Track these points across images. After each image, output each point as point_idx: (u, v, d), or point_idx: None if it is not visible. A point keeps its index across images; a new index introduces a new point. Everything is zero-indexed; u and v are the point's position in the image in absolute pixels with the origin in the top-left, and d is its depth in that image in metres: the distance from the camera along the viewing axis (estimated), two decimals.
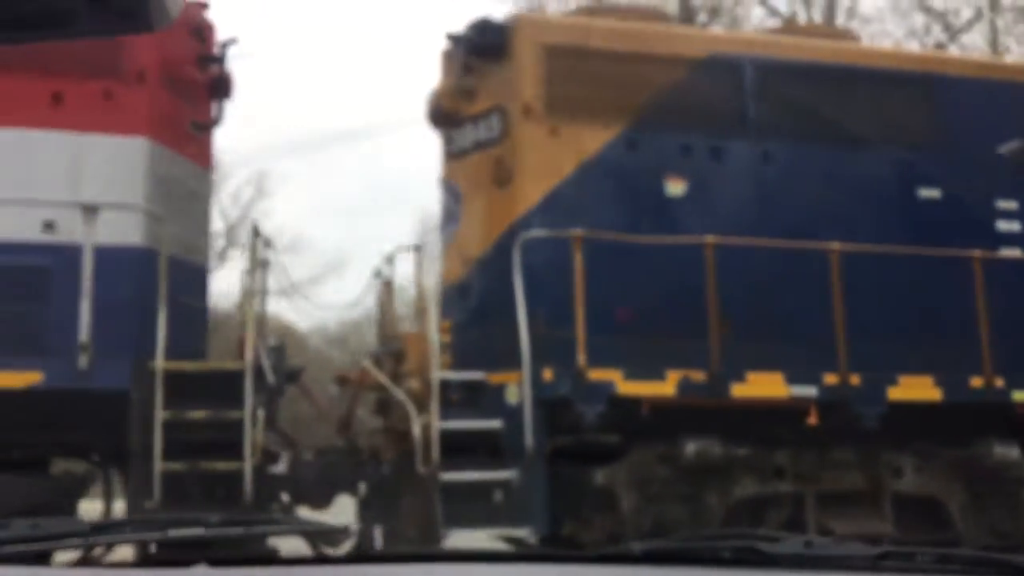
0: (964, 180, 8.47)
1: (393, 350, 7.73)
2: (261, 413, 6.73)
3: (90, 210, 6.47)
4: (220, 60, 7.84)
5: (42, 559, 1.83)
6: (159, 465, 6.38)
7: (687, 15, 20.39)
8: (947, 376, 7.87)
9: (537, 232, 7.36)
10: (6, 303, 6.55)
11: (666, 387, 7.34)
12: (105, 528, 2.25)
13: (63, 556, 2.15)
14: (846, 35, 10.02)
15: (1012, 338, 7.98)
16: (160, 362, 6.52)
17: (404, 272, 9.14)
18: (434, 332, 7.11)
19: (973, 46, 21.67)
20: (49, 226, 6.80)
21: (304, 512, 7.49)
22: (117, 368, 6.48)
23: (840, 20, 21.61)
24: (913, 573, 1.57)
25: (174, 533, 1.78)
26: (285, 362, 7.31)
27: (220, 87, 7.85)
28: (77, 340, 6.36)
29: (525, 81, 7.88)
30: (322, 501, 7.66)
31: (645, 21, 8.52)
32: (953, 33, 21.40)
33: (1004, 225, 8.61)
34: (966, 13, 22.39)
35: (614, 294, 7.44)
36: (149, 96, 7.14)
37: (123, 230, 6.79)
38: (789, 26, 12.33)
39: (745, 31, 12.35)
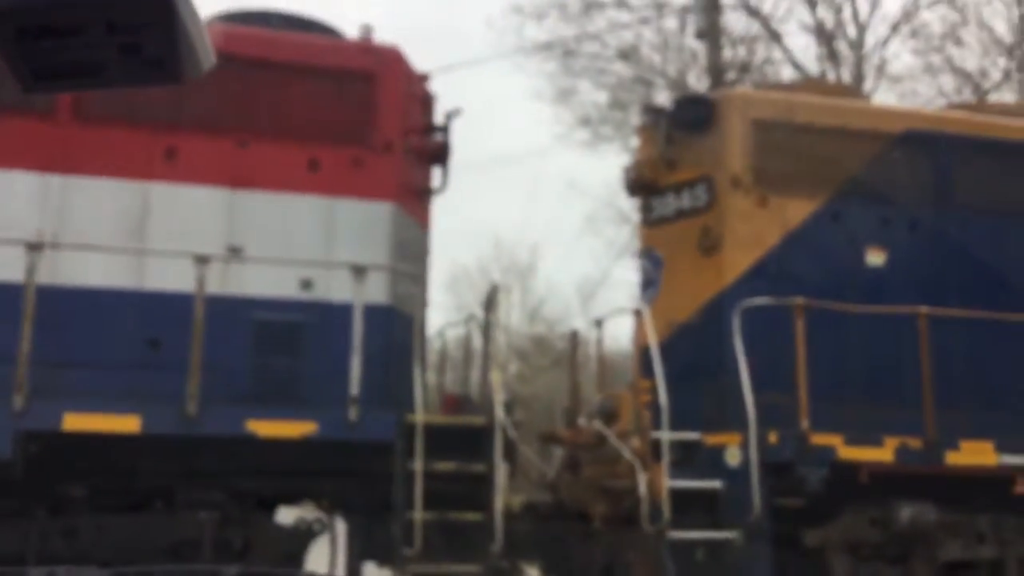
0: None
1: (608, 408, 8.01)
2: (506, 467, 7.01)
3: (359, 271, 6.84)
4: (444, 130, 8.26)
5: None
6: (419, 515, 6.67)
7: (716, 71, 20.84)
8: None
9: (758, 300, 7.65)
10: (280, 356, 6.92)
11: (884, 453, 7.55)
12: None
13: None
14: None
15: None
16: (420, 415, 6.85)
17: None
18: (663, 392, 7.37)
19: None
20: (307, 285, 7.20)
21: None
22: (384, 421, 6.81)
23: (869, 80, 21.98)
24: None
25: None
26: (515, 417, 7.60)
27: (443, 154, 8.27)
28: (348, 393, 6.70)
29: (734, 153, 8.24)
30: (532, 555, 7.90)
31: (843, 96, 8.88)
32: (982, 93, 21.60)
33: None
34: (995, 74, 22.69)
35: (830, 361, 7.70)
36: (396, 164, 7.56)
37: (379, 289, 7.17)
38: (979, 103, 12.63)
39: (936, 108, 12.69)
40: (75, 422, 6.47)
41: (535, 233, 48.95)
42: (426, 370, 8.25)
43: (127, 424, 6.57)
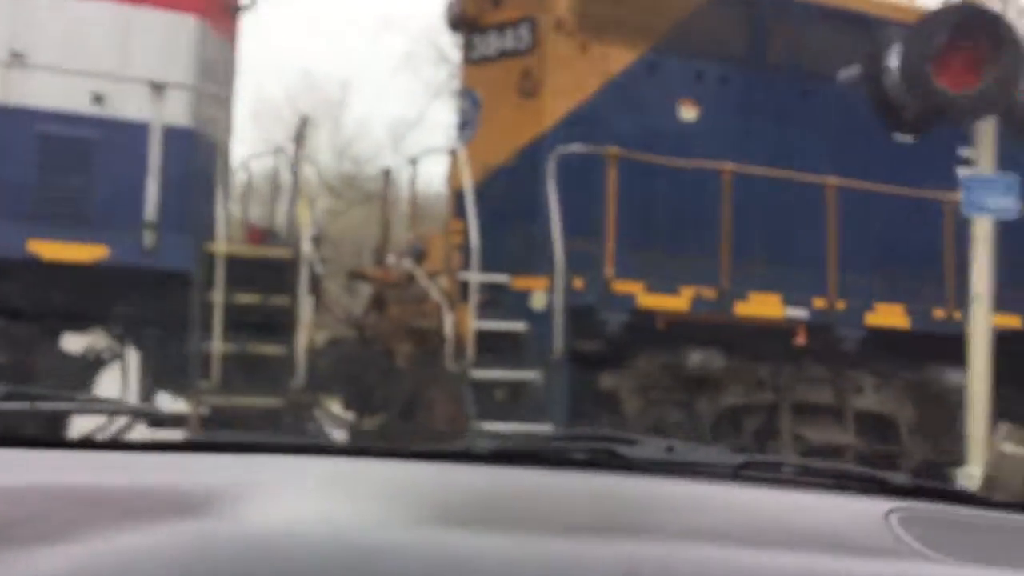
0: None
1: (419, 248, 7.94)
2: (311, 301, 6.88)
3: (158, 88, 6.37)
4: None
5: None
6: (219, 346, 6.48)
7: None
8: (915, 306, 8.69)
9: (573, 147, 7.65)
10: (68, 175, 6.43)
11: (681, 302, 7.86)
12: None
13: None
14: None
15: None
16: (221, 244, 6.57)
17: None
18: (475, 234, 7.35)
19: None
20: (99, 99, 6.66)
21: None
22: (182, 248, 6.49)
23: None
24: (774, 484, 1.48)
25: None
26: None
27: None
28: (143, 218, 6.33)
29: None
30: (334, 390, 7.90)
31: None
32: None
33: (960, 171, 9.43)
34: None
35: (636, 211, 7.85)
36: None
37: (181, 110, 6.72)
38: None
39: None
40: None
41: (347, 68, 47.42)
42: (229, 200, 7.90)
43: None
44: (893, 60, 6.84)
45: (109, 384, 7.22)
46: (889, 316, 8.59)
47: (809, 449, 8.49)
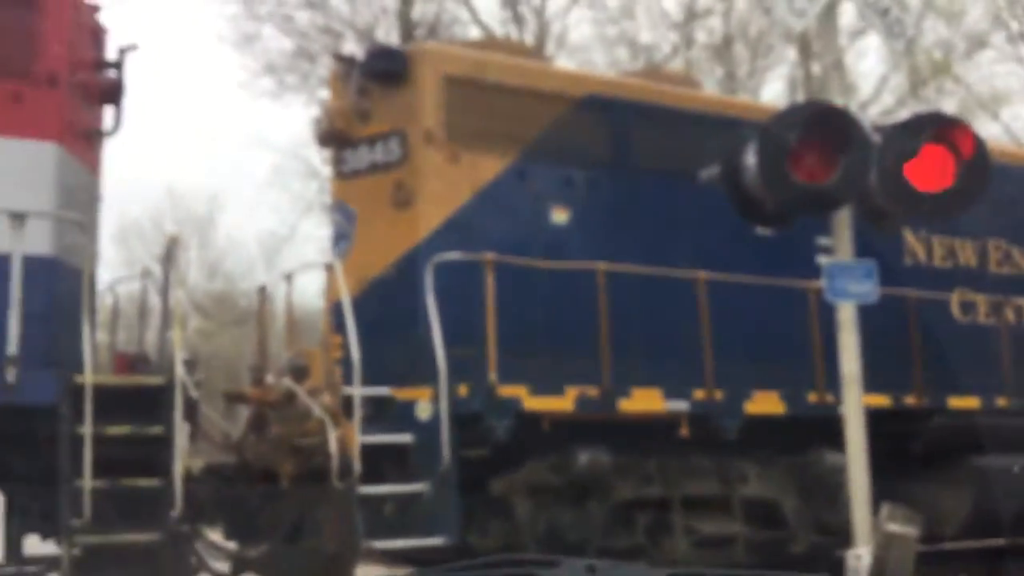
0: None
1: (299, 365, 7.77)
2: (187, 428, 6.63)
3: (17, 218, 6.16)
4: (118, 66, 7.61)
5: None
6: (89, 482, 6.15)
7: (407, 26, 21.24)
8: (789, 391, 8.94)
9: (450, 255, 7.69)
10: None
11: (565, 402, 7.89)
12: None
13: None
14: (696, 83, 11.07)
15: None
16: (88, 376, 6.30)
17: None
18: (356, 348, 7.25)
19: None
20: None
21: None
22: (46, 382, 6.20)
23: (550, 46, 23.25)
24: None
25: None
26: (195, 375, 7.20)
27: (116, 93, 7.63)
28: (5, 353, 6.03)
29: (427, 108, 8.21)
30: (215, 519, 7.58)
31: (529, 57, 9.09)
32: (652, 66, 23.39)
33: (821, 259, 9.85)
34: (665, 48, 24.68)
35: (516, 315, 7.90)
36: (62, 101, 6.87)
37: (42, 239, 6.50)
38: (652, 71, 13.31)
39: (617, 74, 13.26)
40: None
41: (215, 185, 46.95)
42: (96, 328, 7.62)
43: None
44: (750, 158, 7.15)
45: None
46: (766, 403, 8.81)
47: (701, 540, 8.54)
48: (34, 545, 6.85)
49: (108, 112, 7.73)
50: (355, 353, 7.24)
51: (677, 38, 24.52)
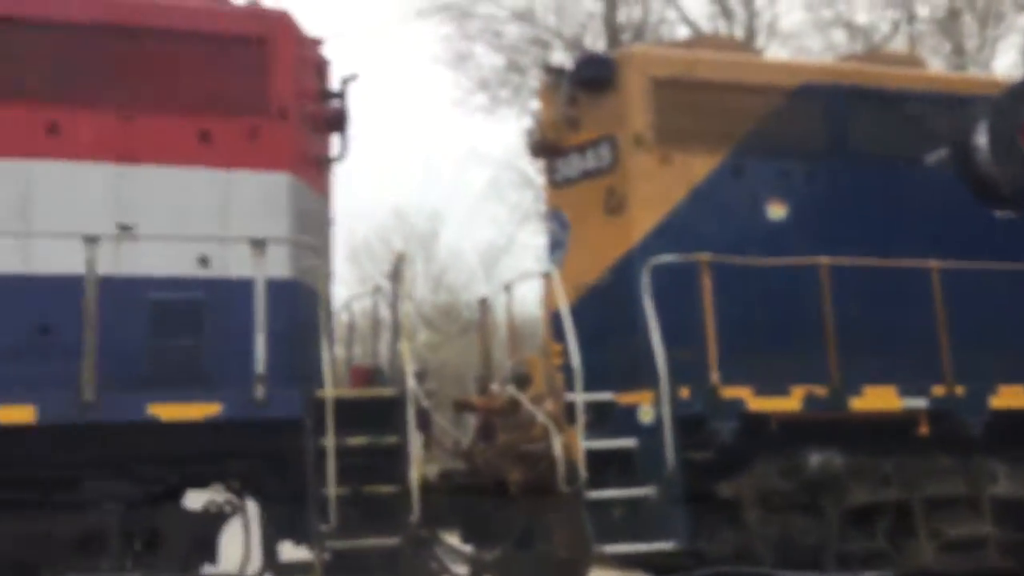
0: None
1: (522, 373, 7.96)
2: (420, 437, 6.92)
3: (258, 245, 6.63)
4: (341, 96, 8.05)
5: None
6: (334, 490, 6.54)
7: (613, 31, 21.02)
8: None
9: (665, 257, 7.65)
10: (180, 337, 6.68)
11: (792, 402, 7.67)
12: None
13: None
14: (919, 62, 10.54)
15: None
16: (328, 390, 6.70)
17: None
18: (576, 354, 7.34)
19: None
20: (204, 261, 6.96)
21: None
22: (291, 397, 6.64)
23: (761, 37, 22.41)
24: None
25: None
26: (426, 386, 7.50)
27: (341, 121, 8.06)
28: (253, 371, 6.51)
29: (636, 111, 8.21)
30: (452, 524, 7.85)
31: (738, 52, 8.93)
32: (873, 47, 22.16)
33: None
34: (884, 27, 23.30)
35: (736, 315, 7.76)
36: (292, 133, 7.34)
37: (281, 263, 6.97)
38: (870, 54, 12.83)
39: (833, 60, 12.86)
40: None
41: (436, 201, 48.62)
42: (334, 344, 8.09)
43: (21, 415, 6.29)
44: (981, 136, 6.73)
45: (232, 538, 7.31)
46: (1013, 397, 8.24)
47: (948, 543, 8.09)
48: (288, 551, 7.32)
49: (335, 139, 8.19)
50: (575, 359, 7.33)
51: (897, 15, 23.33)
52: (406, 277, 7.66)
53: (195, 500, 7.39)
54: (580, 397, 7.34)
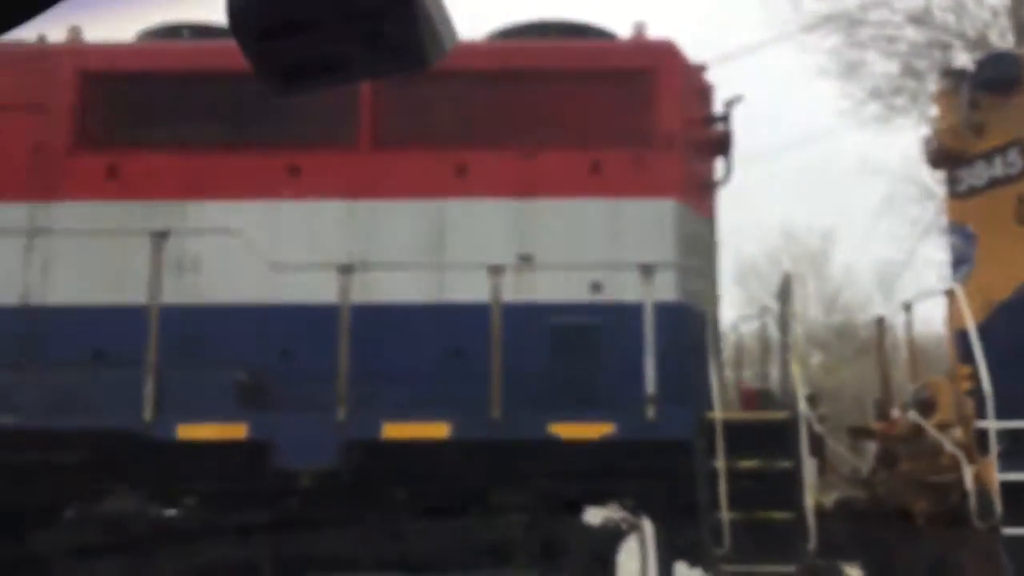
0: None
1: (925, 398, 7.49)
2: (813, 462, 6.73)
3: (647, 270, 6.83)
4: (725, 119, 8.08)
5: None
6: (727, 514, 6.54)
7: (1022, 27, 18.84)
8: None
9: None
10: (577, 360, 7.05)
11: None
12: None
13: None
14: None
15: None
16: (719, 412, 6.73)
17: None
18: (986, 378, 6.79)
19: None
20: (597, 287, 7.27)
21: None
22: (682, 418, 6.75)
23: None
24: None
25: None
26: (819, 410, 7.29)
27: (725, 145, 8.09)
28: (644, 392, 6.70)
29: None
30: (851, 555, 7.52)
31: None
32: None
33: None
34: None
35: None
36: (678, 160, 7.49)
37: (668, 287, 7.13)
38: None
39: None
40: (393, 431, 6.87)
41: (826, 219, 46.94)
42: (722, 366, 8.10)
43: (439, 431, 6.89)
44: None
45: (628, 555, 7.52)
46: None
47: None
48: (682, 573, 7.40)
49: (719, 163, 8.24)
50: (986, 383, 6.78)
51: None
52: (794, 297, 7.49)
53: (592, 517, 7.70)
54: (992, 424, 6.77)
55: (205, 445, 6.82)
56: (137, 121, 7.82)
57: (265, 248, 7.19)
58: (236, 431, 6.81)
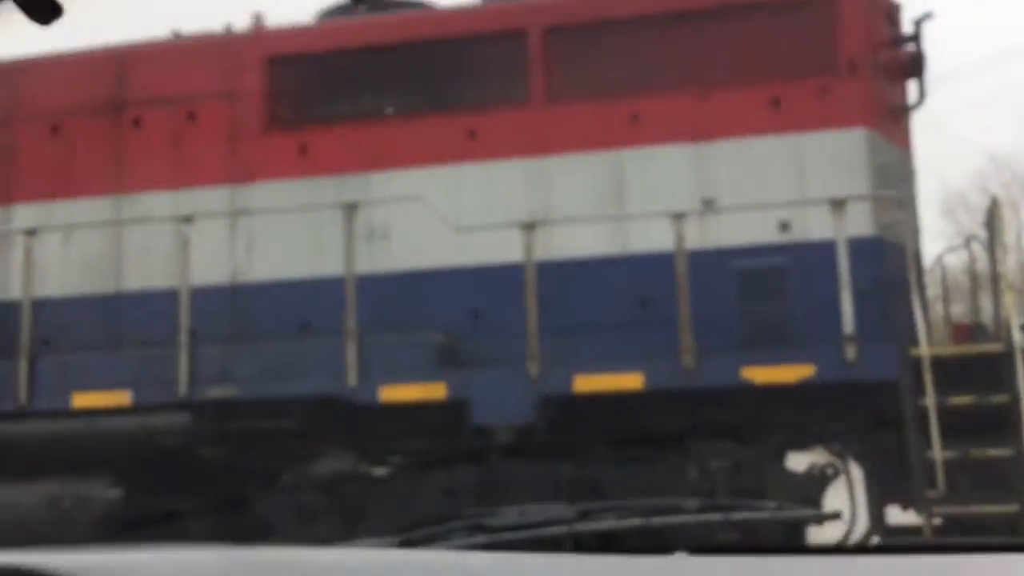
0: None
1: None
2: None
3: (838, 204, 6.55)
4: (915, 39, 7.61)
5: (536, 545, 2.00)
6: (939, 453, 6.23)
7: None
8: None
9: None
10: (766, 303, 6.86)
11: None
12: (588, 514, 2.39)
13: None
14: None
15: None
16: (925, 348, 6.40)
17: None
18: None
19: None
20: (784, 227, 7.04)
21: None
22: (885, 357, 6.47)
23: None
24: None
25: (656, 521, 1.94)
26: None
27: (917, 66, 7.62)
28: (842, 332, 6.45)
29: None
30: None
31: None
32: None
33: None
34: None
35: None
36: (864, 86, 7.12)
37: (863, 221, 6.82)
38: None
39: None
40: (585, 383, 6.90)
41: None
42: (927, 301, 7.69)
43: (632, 382, 6.87)
44: None
45: (836, 499, 7.29)
46: None
47: None
48: (895, 515, 7.12)
49: (912, 86, 7.78)
50: None
51: None
52: (1004, 224, 7.01)
53: (797, 462, 7.51)
54: None
55: (406, 407, 7.06)
56: (321, 99, 8.13)
57: (449, 212, 7.33)
58: (437, 391, 7.02)
